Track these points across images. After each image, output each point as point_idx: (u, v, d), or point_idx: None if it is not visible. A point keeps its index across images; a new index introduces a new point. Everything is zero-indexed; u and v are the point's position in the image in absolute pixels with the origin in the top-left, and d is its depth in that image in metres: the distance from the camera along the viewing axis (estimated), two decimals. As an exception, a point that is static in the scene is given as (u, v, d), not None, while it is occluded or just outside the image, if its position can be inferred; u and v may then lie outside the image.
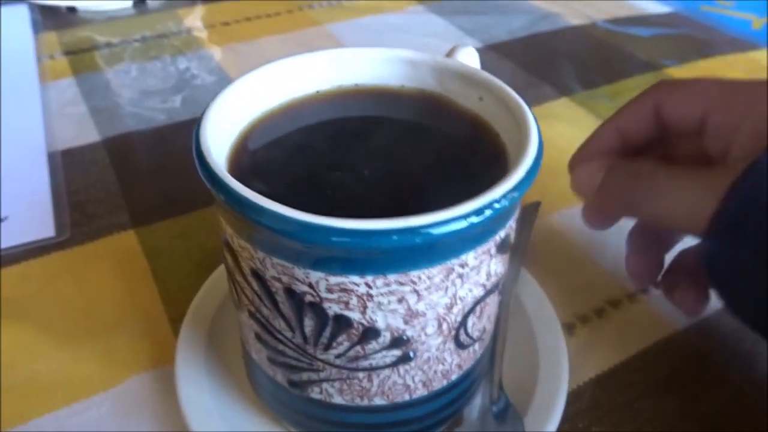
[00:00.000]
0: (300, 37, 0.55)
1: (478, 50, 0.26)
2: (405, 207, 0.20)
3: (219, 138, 0.21)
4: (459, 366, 0.22)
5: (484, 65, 0.25)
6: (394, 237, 0.16)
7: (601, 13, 0.60)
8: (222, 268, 0.30)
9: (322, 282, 0.18)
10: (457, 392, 0.23)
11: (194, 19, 0.59)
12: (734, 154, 0.24)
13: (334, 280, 0.18)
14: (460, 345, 0.21)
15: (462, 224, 0.17)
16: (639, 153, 0.28)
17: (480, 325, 0.22)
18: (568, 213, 0.37)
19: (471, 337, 0.22)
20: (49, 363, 0.28)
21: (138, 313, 0.31)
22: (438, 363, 0.21)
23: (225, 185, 0.18)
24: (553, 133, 0.42)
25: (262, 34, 0.56)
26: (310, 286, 0.18)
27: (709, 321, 0.31)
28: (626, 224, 0.36)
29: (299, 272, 0.18)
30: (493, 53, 0.53)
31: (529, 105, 0.21)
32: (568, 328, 0.30)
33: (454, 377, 0.22)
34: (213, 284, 0.29)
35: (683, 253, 0.29)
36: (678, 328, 0.30)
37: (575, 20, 0.59)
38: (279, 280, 0.19)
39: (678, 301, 0.27)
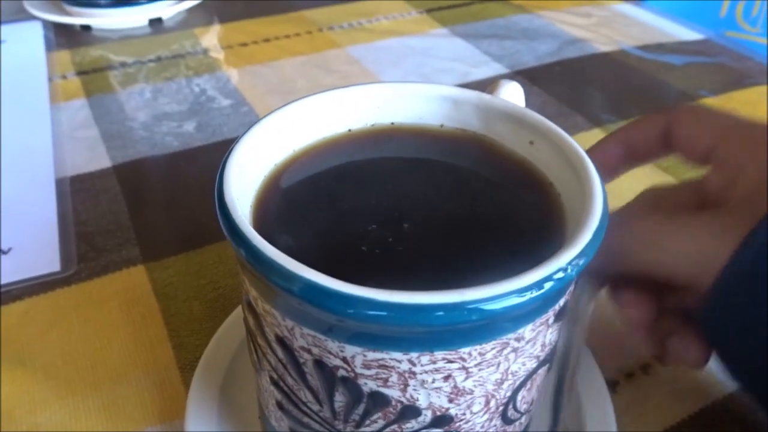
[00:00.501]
0: (319, 60, 0.54)
1: (506, 76, 0.24)
2: (450, 269, 0.18)
3: (243, 184, 0.19)
4: (503, 441, 0.20)
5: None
6: (443, 314, 0.14)
7: (630, 39, 0.58)
8: (235, 314, 0.28)
9: (358, 357, 0.16)
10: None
11: (211, 38, 0.57)
12: (737, 195, 0.23)
13: (372, 355, 0.16)
14: (506, 421, 0.19)
15: (521, 299, 0.15)
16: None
17: (529, 398, 0.19)
18: (605, 255, 0.35)
19: (519, 411, 0.19)
20: (50, 415, 0.26)
21: (146, 360, 0.29)
22: (482, 440, 0.19)
23: (252, 246, 0.15)
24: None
25: (281, 56, 0.54)
26: (344, 360, 0.16)
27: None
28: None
29: (332, 345, 0.16)
30: (520, 79, 0.50)
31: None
32: (613, 386, 0.28)
33: (497, 454, 0.20)
34: (227, 331, 0.27)
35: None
36: (733, 389, 0.28)
37: (604, 46, 0.56)
38: (308, 351, 0.16)
39: (676, 351, 0.24)
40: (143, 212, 0.37)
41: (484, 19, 0.61)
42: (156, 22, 0.59)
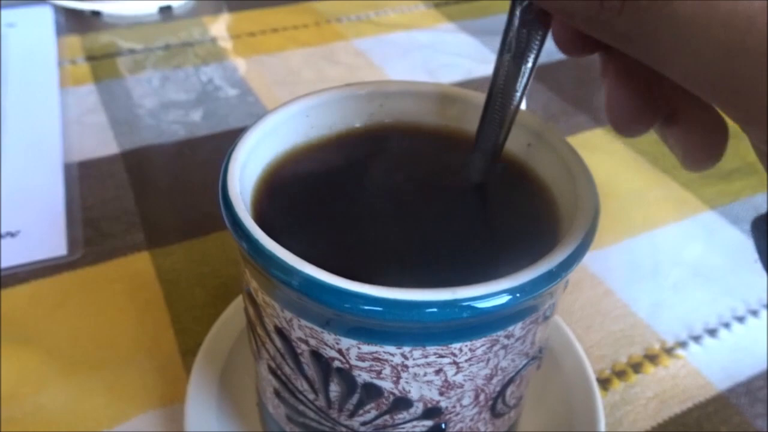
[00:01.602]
0: (326, 52, 0.54)
1: None
2: (445, 267, 0.18)
3: (246, 178, 0.19)
4: (492, 434, 0.20)
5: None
6: (435, 310, 0.15)
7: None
8: (237, 302, 0.29)
9: (353, 349, 0.16)
10: (487, 459, 0.22)
11: (220, 27, 0.57)
12: None
13: (366, 348, 0.16)
14: (495, 415, 0.20)
15: (512, 298, 0.15)
16: None
17: (518, 393, 0.20)
18: (602, 254, 0.35)
19: (508, 406, 0.20)
20: (54, 395, 0.27)
21: (149, 344, 0.29)
22: (471, 433, 0.19)
23: (254, 240, 0.16)
24: (589, 163, 0.41)
25: (288, 47, 0.54)
26: (340, 352, 0.17)
27: (753, 383, 0.29)
28: (656, 260, 0.34)
29: (329, 337, 0.16)
30: (525, 77, 0.51)
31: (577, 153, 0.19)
32: (604, 384, 0.28)
33: (486, 446, 0.21)
34: (228, 320, 0.28)
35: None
36: (720, 389, 0.28)
37: (610, 45, 0.57)
38: (306, 342, 0.17)
39: (679, 143, 0.17)
40: (149, 199, 0.37)
41: (492, 14, 0.61)
42: (166, 10, 0.59)
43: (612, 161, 0.42)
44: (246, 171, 0.19)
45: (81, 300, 0.31)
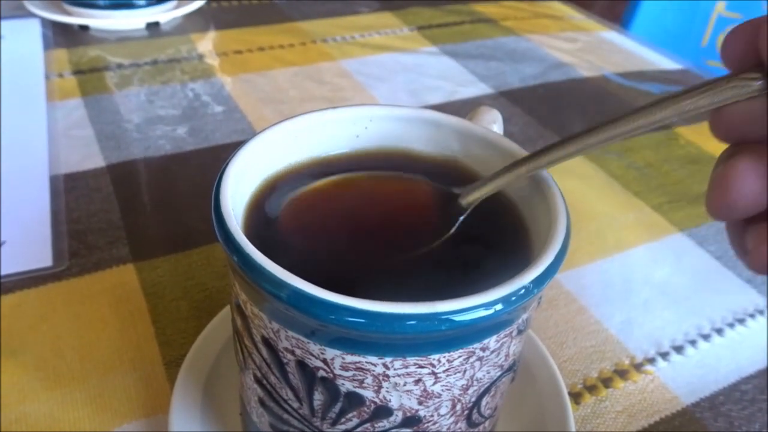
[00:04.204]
0: (312, 72, 0.55)
1: (490, 96, 0.26)
2: (426, 282, 0.19)
3: (238, 194, 0.20)
4: (468, 444, 0.21)
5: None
6: (415, 322, 0.16)
7: (612, 66, 0.60)
8: (222, 315, 0.29)
9: (337, 359, 0.17)
10: (463, 468, 0.22)
11: (207, 45, 0.58)
12: None
13: (350, 358, 0.17)
14: (471, 424, 0.20)
15: (488, 312, 0.16)
16: None
17: (493, 403, 0.21)
18: (575, 273, 0.36)
19: (483, 416, 0.21)
20: (39, 405, 0.27)
21: (133, 355, 0.30)
22: (447, 442, 0.20)
23: (245, 254, 0.17)
24: (563, 188, 0.42)
25: (274, 66, 0.56)
26: (324, 362, 0.17)
27: (716, 398, 0.30)
28: (627, 279, 0.35)
29: (314, 347, 0.17)
30: (504, 100, 0.53)
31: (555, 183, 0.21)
32: (576, 397, 0.30)
33: (461, 455, 0.22)
34: (212, 332, 0.29)
35: None
36: (685, 403, 0.30)
37: (587, 72, 0.59)
38: (292, 352, 0.18)
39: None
40: (134, 213, 0.38)
41: (473, 39, 0.63)
42: (153, 26, 0.60)
43: (587, 185, 0.44)
44: (238, 188, 0.20)
45: (66, 311, 0.32)
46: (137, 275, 0.34)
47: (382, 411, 0.18)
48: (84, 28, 0.58)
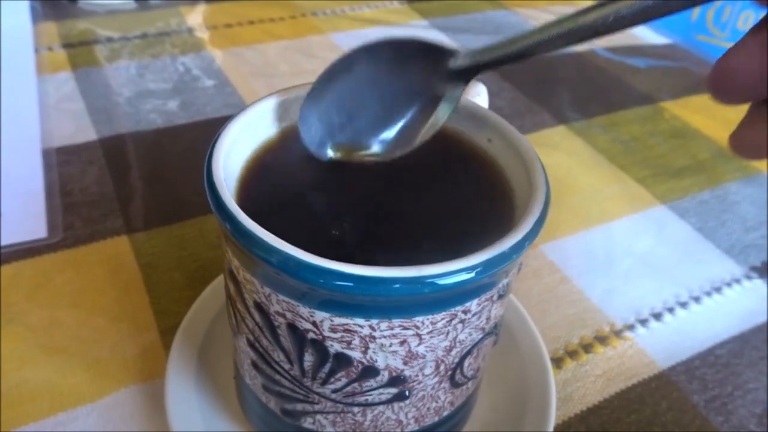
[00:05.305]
0: (302, 45, 0.55)
1: None
2: (411, 247, 0.20)
3: (229, 163, 0.21)
4: (451, 403, 0.22)
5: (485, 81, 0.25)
6: (400, 286, 0.17)
7: (601, 40, 0.61)
8: (215, 283, 0.30)
9: (326, 322, 0.18)
10: (447, 426, 0.24)
11: (196, 18, 0.58)
12: None
13: (338, 321, 0.18)
14: (454, 384, 0.22)
15: (469, 275, 0.17)
16: None
17: (475, 365, 0.22)
18: (559, 244, 0.37)
19: (466, 377, 0.22)
20: (37, 371, 0.28)
21: (129, 324, 0.31)
22: (432, 401, 0.21)
23: (237, 221, 0.18)
24: (549, 161, 0.43)
25: (265, 39, 0.56)
26: (314, 324, 0.18)
27: (692, 363, 0.31)
28: (609, 250, 0.36)
29: (304, 311, 0.18)
30: (493, 74, 0.53)
31: (533, 150, 0.21)
32: (557, 362, 0.31)
33: (445, 413, 0.23)
34: (206, 300, 0.29)
35: None
36: (662, 367, 0.31)
37: (576, 46, 0.59)
38: (283, 315, 0.19)
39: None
40: (127, 186, 0.39)
41: (463, 13, 0.63)
42: (142, -2, 0.60)
43: (572, 158, 0.45)
44: (229, 158, 0.21)
45: (61, 281, 0.32)
46: (131, 246, 0.35)
47: (370, 371, 0.19)
48: (73, 0, 0.58)
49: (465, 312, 0.19)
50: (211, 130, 0.44)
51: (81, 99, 0.46)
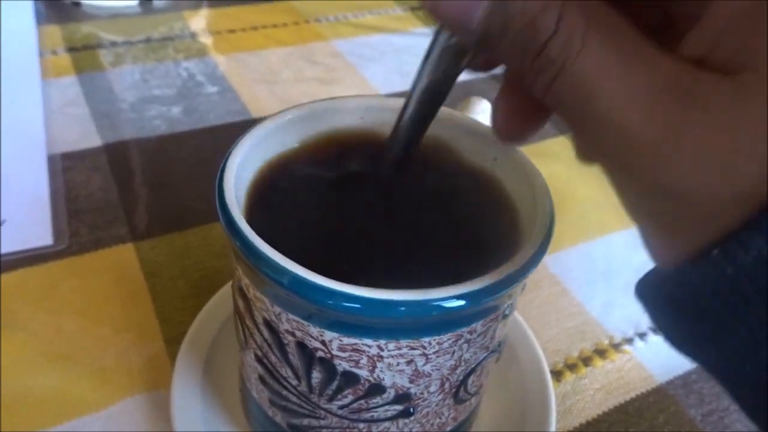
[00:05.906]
0: (305, 52, 0.55)
1: (481, 79, 0.26)
2: (419, 269, 0.20)
3: (240, 181, 0.21)
4: (454, 419, 0.23)
5: (488, 95, 0.25)
6: (406, 308, 0.17)
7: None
8: (221, 293, 0.30)
9: (335, 341, 0.18)
10: (450, 440, 0.24)
11: (199, 23, 0.58)
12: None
13: (347, 340, 0.18)
14: (458, 401, 0.22)
15: (476, 299, 0.17)
16: None
17: (478, 382, 0.22)
18: (560, 256, 0.38)
19: (469, 393, 0.22)
20: (43, 379, 0.28)
21: (134, 333, 0.31)
22: (436, 417, 0.22)
23: (249, 242, 0.18)
24: (549, 172, 0.43)
25: (268, 45, 0.56)
26: (323, 343, 0.19)
27: (689, 377, 0.32)
28: (609, 263, 0.36)
29: (313, 330, 0.18)
30: (495, 83, 0.53)
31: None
32: (557, 375, 0.31)
33: (448, 429, 0.23)
34: (211, 310, 0.30)
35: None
36: (660, 381, 0.31)
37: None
38: (292, 334, 0.19)
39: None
40: (132, 192, 0.39)
41: (466, 21, 0.63)
42: (146, 2, 0.60)
43: (572, 169, 0.45)
44: (239, 176, 0.21)
45: (67, 288, 0.33)
46: (136, 254, 0.35)
47: (376, 388, 0.20)
48: (76, 3, 0.58)
49: (471, 332, 0.19)
50: (214, 137, 0.44)
51: (85, 104, 0.46)
